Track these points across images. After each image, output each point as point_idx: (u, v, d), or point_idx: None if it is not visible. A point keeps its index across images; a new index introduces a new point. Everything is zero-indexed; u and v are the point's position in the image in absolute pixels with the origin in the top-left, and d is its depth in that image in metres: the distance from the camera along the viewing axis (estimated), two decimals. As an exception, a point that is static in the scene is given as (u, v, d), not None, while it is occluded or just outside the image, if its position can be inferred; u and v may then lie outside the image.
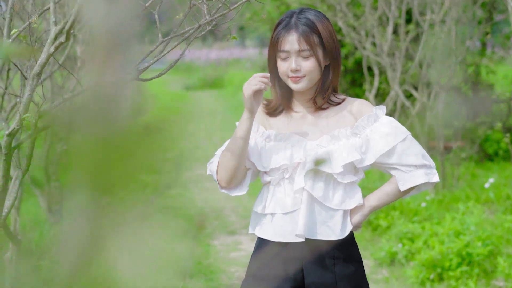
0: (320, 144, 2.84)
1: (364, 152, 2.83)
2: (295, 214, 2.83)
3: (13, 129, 2.59)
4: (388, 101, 8.41)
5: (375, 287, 5.61)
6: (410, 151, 2.84)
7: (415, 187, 2.89)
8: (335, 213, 2.83)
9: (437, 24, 7.81)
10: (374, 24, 8.14)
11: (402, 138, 2.84)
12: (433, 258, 5.57)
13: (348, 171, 2.84)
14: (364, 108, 2.89)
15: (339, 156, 2.80)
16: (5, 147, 2.60)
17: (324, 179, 2.83)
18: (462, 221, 5.92)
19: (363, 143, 2.83)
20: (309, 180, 2.81)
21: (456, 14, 7.62)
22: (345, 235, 2.85)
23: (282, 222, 2.85)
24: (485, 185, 7.22)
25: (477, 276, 5.42)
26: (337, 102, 2.91)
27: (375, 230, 6.91)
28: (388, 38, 8.06)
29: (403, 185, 2.85)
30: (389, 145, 2.82)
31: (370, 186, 7.37)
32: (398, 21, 8.23)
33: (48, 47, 2.55)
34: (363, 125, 2.85)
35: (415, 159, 2.84)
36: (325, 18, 2.88)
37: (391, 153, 2.83)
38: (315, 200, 2.82)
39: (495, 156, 9.66)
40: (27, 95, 2.58)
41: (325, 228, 2.82)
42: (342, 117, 2.89)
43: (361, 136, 2.84)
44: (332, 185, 2.84)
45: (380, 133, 2.83)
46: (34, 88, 2.59)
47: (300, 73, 2.82)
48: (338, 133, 2.84)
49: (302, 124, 2.92)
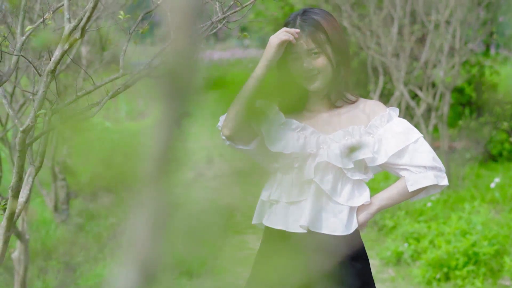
0: (334, 139, 2.84)
1: (376, 152, 2.83)
2: (301, 204, 2.83)
3: (27, 125, 2.59)
4: (393, 101, 8.41)
5: (382, 286, 5.61)
6: (421, 152, 2.84)
7: (424, 190, 2.87)
8: (341, 208, 2.83)
9: (442, 25, 7.81)
10: (379, 24, 8.14)
11: (415, 139, 2.84)
12: (440, 258, 5.57)
13: (358, 169, 2.84)
14: (378, 108, 2.90)
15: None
16: (19, 144, 2.61)
17: (334, 174, 2.82)
18: (468, 221, 5.92)
19: (375, 142, 2.83)
20: (319, 172, 2.81)
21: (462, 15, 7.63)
22: (350, 232, 2.83)
23: (285, 211, 2.85)
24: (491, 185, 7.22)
25: (483, 275, 5.42)
26: (351, 100, 2.92)
27: (381, 230, 6.92)
28: (393, 38, 8.06)
29: (412, 185, 2.84)
30: (401, 145, 2.82)
31: (375, 187, 7.38)
32: (402, 21, 8.23)
33: (62, 44, 2.56)
34: (377, 125, 2.85)
35: (425, 160, 2.83)
36: (329, 15, 2.89)
37: (403, 153, 2.83)
38: (323, 193, 2.82)
39: (499, 157, 9.67)
40: (42, 91, 2.58)
41: (330, 222, 2.82)
42: (356, 115, 2.89)
43: (374, 135, 2.84)
44: (341, 180, 2.84)
45: (392, 132, 2.83)
46: (48, 84, 2.59)
47: (313, 72, 2.82)
48: (352, 130, 2.84)
49: (316, 121, 2.92)
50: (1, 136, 4.68)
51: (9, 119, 4.88)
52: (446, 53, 7.83)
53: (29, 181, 2.89)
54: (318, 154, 2.82)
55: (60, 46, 2.58)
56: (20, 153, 2.63)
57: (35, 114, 2.57)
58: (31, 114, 2.60)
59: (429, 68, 8.08)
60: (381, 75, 8.76)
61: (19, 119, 2.84)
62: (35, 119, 2.60)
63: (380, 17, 8.19)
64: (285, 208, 2.85)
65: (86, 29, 2.49)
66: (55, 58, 2.57)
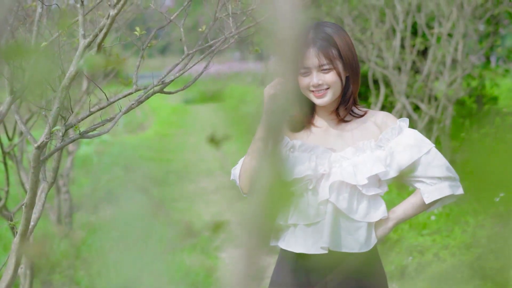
0: (345, 156, 2.83)
1: (389, 165, 2.82)
2: (318, 225, 2.82)
3: (41, 142, 2.59)
4: (395, 114, 8.42)
5: (387, 300, 5.59)
6: (434, 164, 2.83)
7: (440, 200, 2.88)
8: (359, 225, 2.82)
9: (444, 37, 7.83)
10: (381, 37, 8.16)
11: (427, 151, 2.83)
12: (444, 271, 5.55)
13: (372, 184, 2.83)
14: (389, 120, 2.89)
15: (364, 168, 2.79)
16: (33, 160, 2.60)
17: (349, 191, 2.81)
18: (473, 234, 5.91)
19: (387, 156, 2.82)
20: (334, 192, 2.80)
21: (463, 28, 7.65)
22: (369, 248, 2.83)
23: (304, 233, 2.84)
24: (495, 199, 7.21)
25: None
26: (359, 114, 2.91)
27: (385, 243, 6.91)
28: (395, 51, 8.08)
29: (428, 197, 2.84)
30: (413, 158, 2.81)
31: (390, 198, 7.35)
32: (404, 34, 8.25)
33: (77, 59, 2.55)
34: (387, 138, 2.84)
35: (439, 171, 2.83)
36: (341, 30, 2.88)
37: (416, 166, 2.82)
38: (339, 212, 2.81)
39: (500, 169, 9.66)
40: (56, 107, 2.57)
41: (349, 240, 2.81)
42: (366, 129, 2.88)
43: (385, 148, 2.83)
44: (357, 197, 2.83)
45: (404, 145, 2.82)
46: (62, 100, 2.59)
47: (323, 87, 2.81)
48: (362, 145, 2.83)
49: (325, 137, 2.91)
50: (9, 151, 4.67)
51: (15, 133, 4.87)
52: (448, 66, 7.84)
53: (42, 197, 2.88)
54: (331, 173, 2.81)
55: (75, 62, 2.58)
56: (34, 170, 2.62)
57: (50, 130, 2.56)
58: (46, 130, 2.59)
59: (431, 81, 8.09)
60: (382, 87, 8.77)
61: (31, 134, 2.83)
62: (50, 135, 2.59)
63: (382, 30, 8.21)
64: (304, 230, 2.84)
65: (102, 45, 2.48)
66: (70, 74, 2.57)
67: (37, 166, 2.62)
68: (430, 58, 8.01)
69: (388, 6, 8.40)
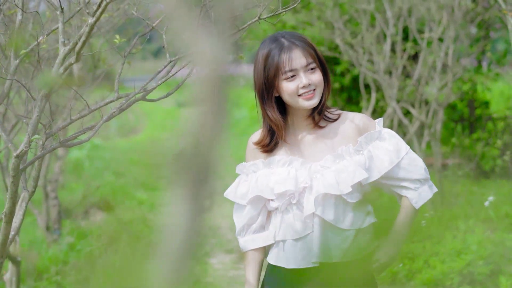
0: (325, 165, 2.80)
1: (368, 169, 2.80)
2: (307, 239, 2.80)
3: (21, 150, 2.55)
4: (385, 118, 8.39)
5: (377, 306, 5.57)
6: (414, 166, 2.84)
7: None
8: (348, 233, 2.80)
9: (435, 42, 7.81)
10: (372, 42, 8.14)
11: (404, 153, 2.84)
12: (434, 278, 5.53)
13: (355, 190, 2.81)
14: (370, 124, 2.87)
15: (346, 176, 2.77)
16: (13, 169, 2.56)
17: (334, 202, 2.79)
18: (463, 240, 5.89)
19: (366, 160, 2.80)
20: (319, 205, 2.77)
21: (454, 32, 7.63)
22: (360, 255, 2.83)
23: (293, 248, 2.82)
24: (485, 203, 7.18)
25: (479, 295, 5.39)
26: (333, 118, 2.88)
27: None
28: (386, 55, 8.06)
29: (416, 203, 2.86)
30: (393, 162, 2.81)
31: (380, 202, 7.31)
32: (395, 38, 8.23)
33: (57, 67, 2.52)
34: (366, 141, 2.82)
35: (419, 173, 2.85)
36: None
37: (396, 170, 2.82)
38: (327, 224, 2.79)
39: (491, 173, 9.64)
40: (36, 116, 2.54)
41: (339, 250, 2.79)
42: (343, 132, 2.85)
43: (363, 152, 2.81)
44: (342, 206, 2.80)
45: (383, 150, 2.82)
46: (42, 109, 2.55)
47: (311, 87, 2.78)
48: (341, 151, 2.80)
49: (303, 146, 2.87)
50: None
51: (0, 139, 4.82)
52: (439, 71, 7.83)
53: (23, 206, 2.85)
54: (312, 185, 2.78)
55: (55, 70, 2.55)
56: (13, 179, 2.58)
57: (29, 139, 2.53)
58: (25, 139, 2.56)
59: (422, 85, 8.07)
60: (373, 92, 8.74)
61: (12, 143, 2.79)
62: (29, 144, 2.56)
63: (373, 35, 8.19)
64: (293, 245, 2.82)
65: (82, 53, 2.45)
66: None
67: (17, 175, 2.59)
68: (420, 63, 7.99)
69: (379, 11, 8.39)
